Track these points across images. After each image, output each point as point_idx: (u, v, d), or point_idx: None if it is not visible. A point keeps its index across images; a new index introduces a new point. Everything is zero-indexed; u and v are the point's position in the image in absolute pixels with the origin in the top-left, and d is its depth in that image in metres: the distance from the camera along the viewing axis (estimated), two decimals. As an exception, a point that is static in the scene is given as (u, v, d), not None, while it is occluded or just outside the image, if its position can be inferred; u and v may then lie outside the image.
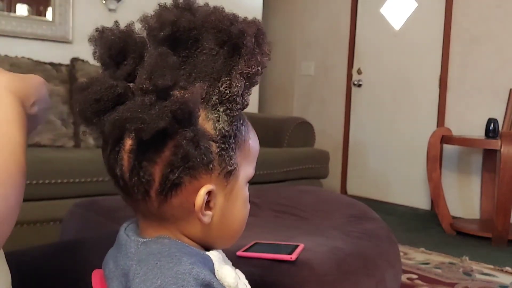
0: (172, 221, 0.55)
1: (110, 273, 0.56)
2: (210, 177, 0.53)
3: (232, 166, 0.54)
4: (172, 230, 0.55)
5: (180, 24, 0.54)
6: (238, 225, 0.58)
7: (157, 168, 0.51)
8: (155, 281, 0.49)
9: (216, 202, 0.55)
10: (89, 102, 0.51)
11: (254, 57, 0.53)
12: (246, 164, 0.57)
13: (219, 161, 0.53)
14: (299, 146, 3.16)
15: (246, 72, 0.53)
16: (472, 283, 2.24)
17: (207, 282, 0.49)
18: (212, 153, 0.52)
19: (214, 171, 0.53)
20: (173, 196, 0.53)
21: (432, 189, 3.33)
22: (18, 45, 2.96)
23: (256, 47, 0.54)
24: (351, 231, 1.35)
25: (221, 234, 0.57)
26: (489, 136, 3.16)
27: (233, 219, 0.58)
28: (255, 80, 0.54)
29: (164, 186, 0.52)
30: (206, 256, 0.54)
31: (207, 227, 0.55)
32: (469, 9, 3.68)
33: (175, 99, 0.49)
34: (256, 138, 0.60)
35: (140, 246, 0.54)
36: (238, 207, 0.58)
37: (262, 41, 0.54)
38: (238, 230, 0.59)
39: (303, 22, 4.84)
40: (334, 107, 4.59)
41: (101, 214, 1.45)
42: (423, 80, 3.96)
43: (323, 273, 1.07)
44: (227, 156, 0.53)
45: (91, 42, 0.55)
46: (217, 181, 0.54)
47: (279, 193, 1.74)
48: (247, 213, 0.59)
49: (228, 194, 0.56)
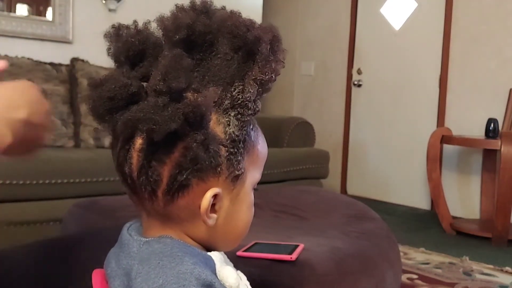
0: (176, 222, 0.55)
1: (112, 272, 0.56)
2: (217, 180, 0.53)
3: (239, 171, 0.54)
4: (176, 230, 0.55)
5: (196, 27, 0.54)
6: (242, 228, 0.59)
7: (166, 168, 0.52)
8: (156, 280, 0.49)
9: (221, 205, 0.55)
10: (103, 99, 0.51)
11: (268, 64, 0.53)
12: (253, 169, 0.57)
13: (227, 165, 0.53)
14: (299, 146, 3.16)
15: (259, 78, 0.53)
16: (472, 283, 2.24)
17: (209, 282, 0.49)
18: (221, 157, 0.52)
19: (222, 175, 0.53)
20: (179, 197, 0.53)
21: (432, 189, 3.33)
22: (18, 45, 2.96)
23: (271, 54, 0.54)
24: (351, 231, 1.35)
25: (225, 237, 0.57)
26: (489, 136, 3.16)
27: (237, 223, 0.58)
28: (268, 87, 0.54)
29: (172, 187, 0.52)
30: (208, 257, 0.55)
31: (211, 230, 0.55)
32: (469, 9, 3.68)
33: (188, 101, 0.49)
34: (265, 143, 0.60)
35: (142, 246, 0.54)
36: (243, 211, 0.58)
37: (277, 48, 0.55)
38: (241, 234, 0.59)
39: (303, 22, 4.84)
40: (334, 107, 4.59)
41: (101, 214, 1.45)
42: (423, 80, 3.96)
43: (323, 273, 1.07)
44: (235, 161, 0.54)
45: (106, 38, 0.55)
46: (224, 185, 0.54)
47: (279, 193, 1.74)
48: (251, 217, 0.59)
49: (234, 198, 0.56)
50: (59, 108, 2.78)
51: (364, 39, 4.40)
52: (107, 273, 0.57)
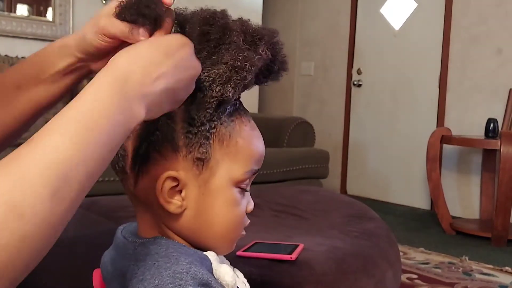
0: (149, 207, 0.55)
1: (109, 275, 0.56)
2: (176, 159, 0.53)
3: (202, 155, 0.53)
4: (156, 219, 0.56)
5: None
6: (221, 226, 0.56)
7: (130, 143, 0.53)
8: (152, 281, 0.49)
9: (188, 193, 0.54)
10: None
11: (241, 52, 0.53)
12: (230, 162, 0.55)
13: (185, 142, 0.53)
14: (299, 146, 3.17)
15: (230, 63, 0.52)
16: (471, 283, 2.24)
17: (205, 281, 0.49)
18: (176, 131, 0.53)
19: (180, 152, 0.53)
20: (144, 173, 0.54)
21: (432, 189, 3.33)
22: (18, 45, 2.97)
23: (245, 44, 0.54)
24: (351, 230, 1.35)
25: (206, 235, 0.56)
26: (489, 136, 3.16)
27: (214, 219, 0.55)
28: (243, 75, 0.52)
29: (135, 161, 0.53)
30: (203, 256, 0.54)
31: (187, 223, 0.55)
32: (469, 9, 3.68)
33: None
34: (256, 142, 0.58)
35: (137, 247, 0.54)
36: (219, 207, 0.55)
37: (258, 41, 0.54)
38: (226, 235, 0.57)
39: (303, 22, 4.84)
40: (334, 107, 4.59)
41: (101, 214, 1.45)
42: (423, 80, 3.96)
43: (323, 272, 1.07)
44: (195, 142, 0.53)
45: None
46: (186, 167, 0.53)
47: (279, 193, 1.74)
48: (236, 219, 0.57)
49: (202, 187, 0.54)
50: (59, 108, 2.77)
51: (364, 39, 4.40)
52: (103, 275, 0.57)
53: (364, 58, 4.40)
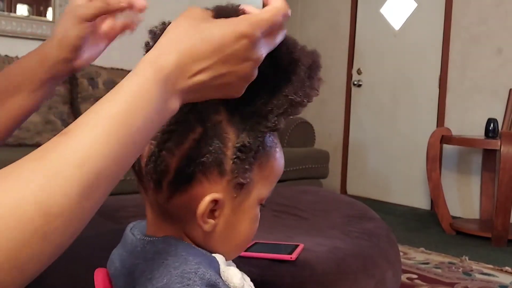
0: (176, 220, 0.55)
1: (116, 272, 0.56)
2: (220, 183, 0.53)
3: (245, 180, 0.53)
4: (176, 229, 0.55)
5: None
6: (241, 240, 0.58)
7: (174, 159, 0.52)
8: (161, 279, 0.49)
9: (222, 213, 0.55)
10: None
11: (303, 87, 0.53)
12: (263, 184, 0.56)
13: (232, 167, 0.53)
14: (299, 146, 3.17)
15: (291, 97, 0.52)
16: (471, 283, 2.24)
17: (213, 283, 0.50)
18: (226, 157, 0.52)
19: (225, 176, 0.53)
20: (182, 192, 0.53)
21: (432, 189, 3.33)
22: (18, 45, 2.97)
23: (307, 79, 0.53)
24: (351, 231, 1.35)
25: (222, 245, 0.57)
26: (489, 136, 3.16)
27: (237, 234, 0.57)
28: (297, 109, 0.53)
29: (177, 178, 0.52)
30: (212, 258, 0.55)
31: (209, 235, 0.55)
32: (469, 9, 3.68)
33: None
34: (282, 162, 0.59)
35: (146, 245, 0.54)
36: (245, 224, 0.57)
37: (314, 75, 0.54)
38: (240, 245, 0.59)
39: (303, 22, 4.84)
40: (334, 107, 4.59)
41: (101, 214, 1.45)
42: (423, 80, 3.96)
43: (323, 272, 1.08)
44: (241, 167, 0.53)
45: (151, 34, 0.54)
46: (226, 190, 0.54)
47: (279, 193, 1.74)
48: (253, 232, 0.59)
49: (236, 208, 0.55)
50: (59, 108, 2.78)
51: (364, 39, 4.40)
52: (110, 272, 0.57)
53: (364, 58, 4.40)
